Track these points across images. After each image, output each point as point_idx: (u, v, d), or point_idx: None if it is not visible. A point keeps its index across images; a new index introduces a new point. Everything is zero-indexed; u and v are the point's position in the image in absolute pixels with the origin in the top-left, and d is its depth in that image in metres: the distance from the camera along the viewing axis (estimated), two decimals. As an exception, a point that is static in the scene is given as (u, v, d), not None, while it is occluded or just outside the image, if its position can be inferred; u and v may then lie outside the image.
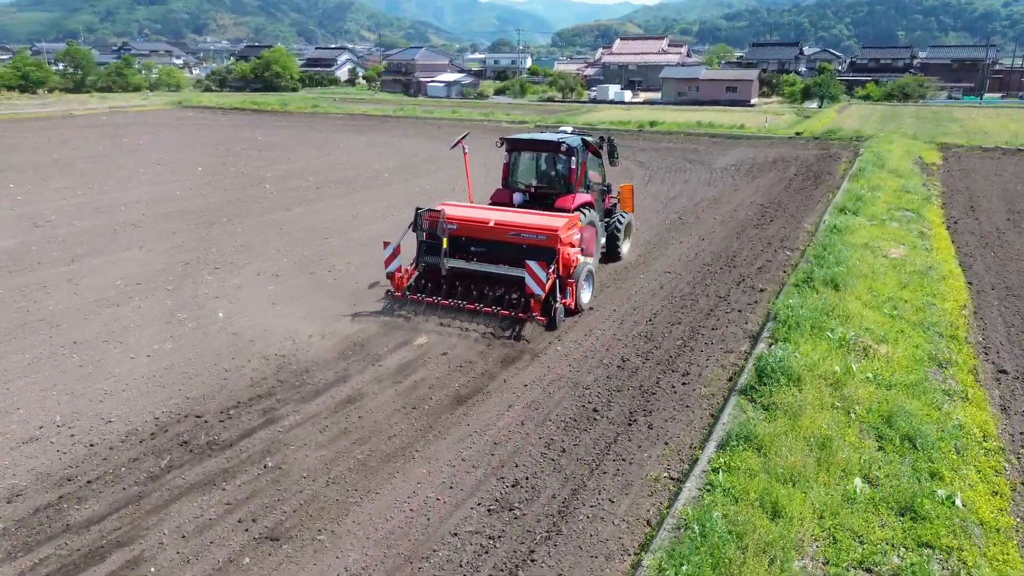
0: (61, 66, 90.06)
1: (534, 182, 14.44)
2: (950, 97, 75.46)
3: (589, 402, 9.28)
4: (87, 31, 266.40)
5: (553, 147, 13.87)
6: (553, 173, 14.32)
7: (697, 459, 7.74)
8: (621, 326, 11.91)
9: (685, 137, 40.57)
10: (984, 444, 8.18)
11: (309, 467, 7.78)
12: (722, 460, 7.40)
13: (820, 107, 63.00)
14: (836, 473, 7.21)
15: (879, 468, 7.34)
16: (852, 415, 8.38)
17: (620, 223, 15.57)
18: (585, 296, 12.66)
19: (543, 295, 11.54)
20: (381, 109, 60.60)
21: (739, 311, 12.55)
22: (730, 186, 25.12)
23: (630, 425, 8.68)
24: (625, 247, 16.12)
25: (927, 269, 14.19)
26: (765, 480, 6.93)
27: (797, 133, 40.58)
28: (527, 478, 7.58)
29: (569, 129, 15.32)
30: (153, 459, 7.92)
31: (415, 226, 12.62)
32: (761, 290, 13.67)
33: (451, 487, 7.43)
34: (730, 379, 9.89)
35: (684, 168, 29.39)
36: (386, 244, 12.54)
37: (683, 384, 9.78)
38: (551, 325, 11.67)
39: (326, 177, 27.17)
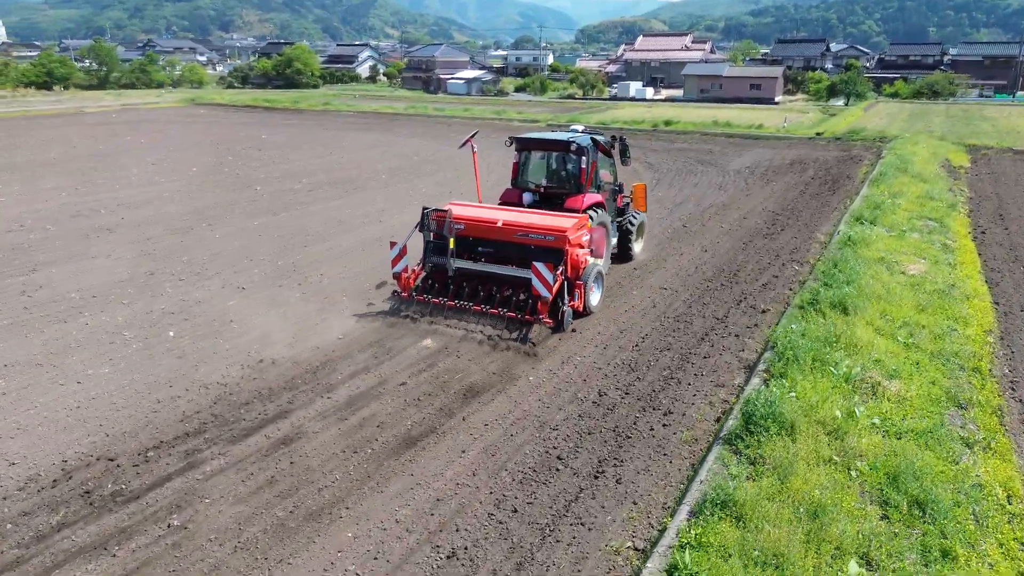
0: (87, 63, 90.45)
1: (544, 182, 14.02)
2: (981, 95, 72.89)
3: (554, 447, 8.19)
4: (115, 28, 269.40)
5: (563, 146, 13.44)
6: (563, 173, 13.89)
7: (667, 527, 6.63)
8: (604, 352, 10.79)
9: (701, 137, 39.12)
10: (1008, 508, 6.98)
11: (219, 527, 6.78)
12: (693, 533, 6.26)
13: (847, 105, 61.09)
14: (828, 552, 6.06)
15: (880, 545, 6.18)
16: (852, 473, 7.21)
17: (632, 223, 15.15)
18: (594, 298, 12.27)
19: (550, 297, 11.07)
20: (393, 107, 59.69)
21: (736, 336, 11.36)
22: (742, 190, 23.78)
23: (596, 478, 7.57)
24: (637, 247, 15.69)
25: (949, 288, 12.89)
26: (740, 566, 5.80)
27: (818, 133, 38.92)
28: (467, 547, 6.52)
29: (580, 128, 14.80)
30: (47, 513, 6.97)
31: (422, 226, 12.37)
32: (763, 311, 12.45)
33: (376, 558, 6.38)
34: (717, 420, 8.75)
35: (695, 170, 28.04)
36: (392, 244, 12.25)
37: (663, 426, 8.64)
38: (558, 327, 11.39)
39: (323, 178, 26.26)
